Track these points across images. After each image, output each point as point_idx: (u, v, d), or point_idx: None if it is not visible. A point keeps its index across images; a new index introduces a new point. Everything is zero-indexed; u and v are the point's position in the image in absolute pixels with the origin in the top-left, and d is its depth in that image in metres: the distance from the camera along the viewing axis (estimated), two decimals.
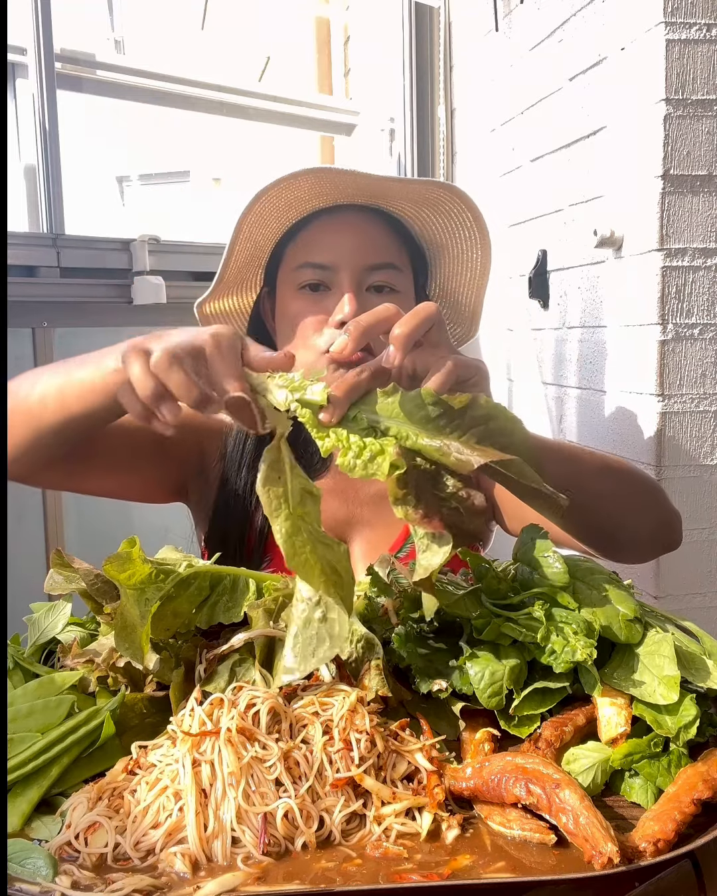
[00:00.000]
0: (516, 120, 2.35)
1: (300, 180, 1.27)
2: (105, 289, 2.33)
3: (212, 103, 2.76)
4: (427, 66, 2.91)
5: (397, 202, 1.35)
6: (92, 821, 0.76)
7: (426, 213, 1.37)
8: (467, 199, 1.35)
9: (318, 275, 1.31)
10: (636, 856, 0.71)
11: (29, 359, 2.26)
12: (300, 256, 1.33)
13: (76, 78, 2.43)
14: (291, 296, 1.34)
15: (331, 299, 1.30)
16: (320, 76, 3.42)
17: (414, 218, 1.38)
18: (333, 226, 1.34)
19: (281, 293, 1.37)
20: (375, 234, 1.35)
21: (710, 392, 1.76)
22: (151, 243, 2.33)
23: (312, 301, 1.32)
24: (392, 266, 1.33)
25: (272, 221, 1.33)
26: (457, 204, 1.35)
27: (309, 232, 1.35)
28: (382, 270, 1.32)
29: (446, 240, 1.41)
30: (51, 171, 2.27)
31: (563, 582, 0.90)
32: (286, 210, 1.32)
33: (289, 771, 0.78)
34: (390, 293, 1.32)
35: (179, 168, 7.08)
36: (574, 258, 2.05)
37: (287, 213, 1.32)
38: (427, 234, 1.41)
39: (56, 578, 1.00)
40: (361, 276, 1.31)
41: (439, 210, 1.36)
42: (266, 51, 4.08)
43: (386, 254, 1.34)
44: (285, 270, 1.36)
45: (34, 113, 2.25)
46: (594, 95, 1.90)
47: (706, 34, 1.66)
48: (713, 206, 1.71)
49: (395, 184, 1.32)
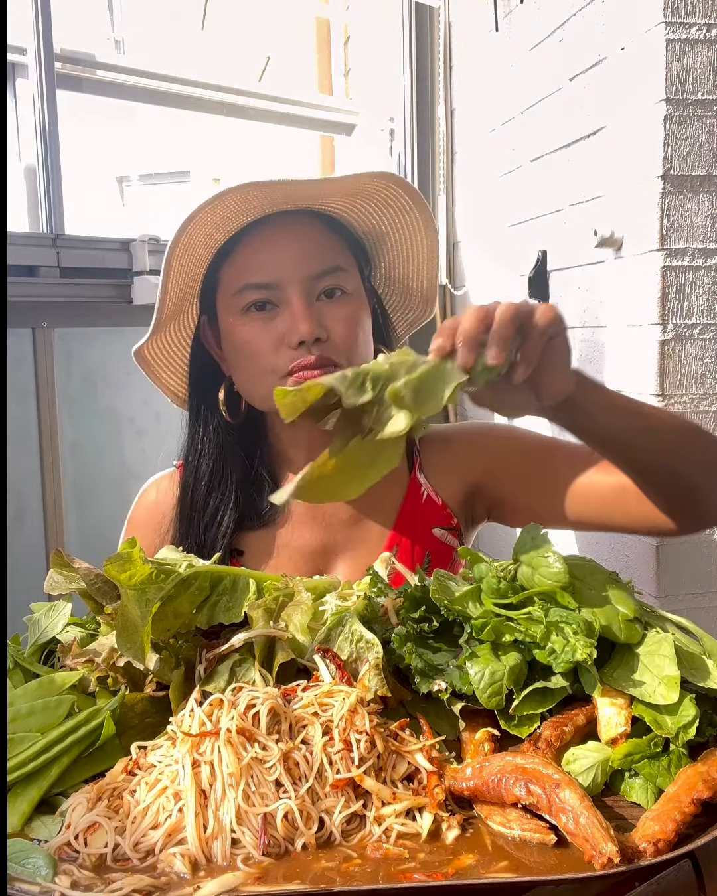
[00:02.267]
0: (516, 120, 2.34)
1: (226, 200, 1.19)
2: (105, 289, 2.33)
3: (212, 103, 2.76)
4: (427, 66, 2.91)
5: (328, 200, 1.29)
6: (92, 821, 0.76)
7: (361, 205, 1.31)
8: (405, 184, 1.29)
9: (262, 294, 1.24)
10: (636, 856, 0.71)
11: (29, 359, 2.26)
12: (238, 278, 1.25)
13: (76, 78, 2.43)
14: (236, 321, 1.26)
15: (281, 317, 1.24)
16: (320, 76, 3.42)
17: (349, 212, 1.32)
18: (268, 239, 1.26)
19: (224, 319, 1.29)
20: (314, 239, 1.27)
21: (710, 392, 1.76)
22: (151, 243, 2.33)
23: (261, 322, 1.24)
24: (338, 269, 1.27)
25: (201, 247, 1.25)
26: (394, 191, 1.29)
27: (243, 250, 1.26)
28: (329, 275, 1.25)
29: (385, 228, 1.36)
30: (51, 171, 2.28)
31: (563, 582, 0.90)
32: (214, 232, 1.24)
33: (289, 772, 0.78)
34: (341, 296, 1.27)
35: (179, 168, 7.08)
36: (574, 258, 2.05)
37: (215, 234, 1.24)
38: (365, 226, 1.35)
39: (56, 578, 1.00)
40: (309, 287, 1.24)
41: (375, 200, 1.31)
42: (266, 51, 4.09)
43: (330, 257, 1.27)
44: (225, 295, 1.28)
45: (34, 113, 2.25)
46: (594, 95, 1.90)
47: (706, 34, 1.66)
48: (713, 206, 1.71)
49: (325, 183, 1.26)
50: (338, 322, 1.25)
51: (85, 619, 1.08)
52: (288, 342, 1.22)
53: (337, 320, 1.25)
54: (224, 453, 1.34)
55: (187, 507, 1.35)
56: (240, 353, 1.27)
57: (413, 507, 1.38)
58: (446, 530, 1.37)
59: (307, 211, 1.29)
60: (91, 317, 2.36)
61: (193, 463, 1.36)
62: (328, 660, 0.91)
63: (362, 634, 0.93)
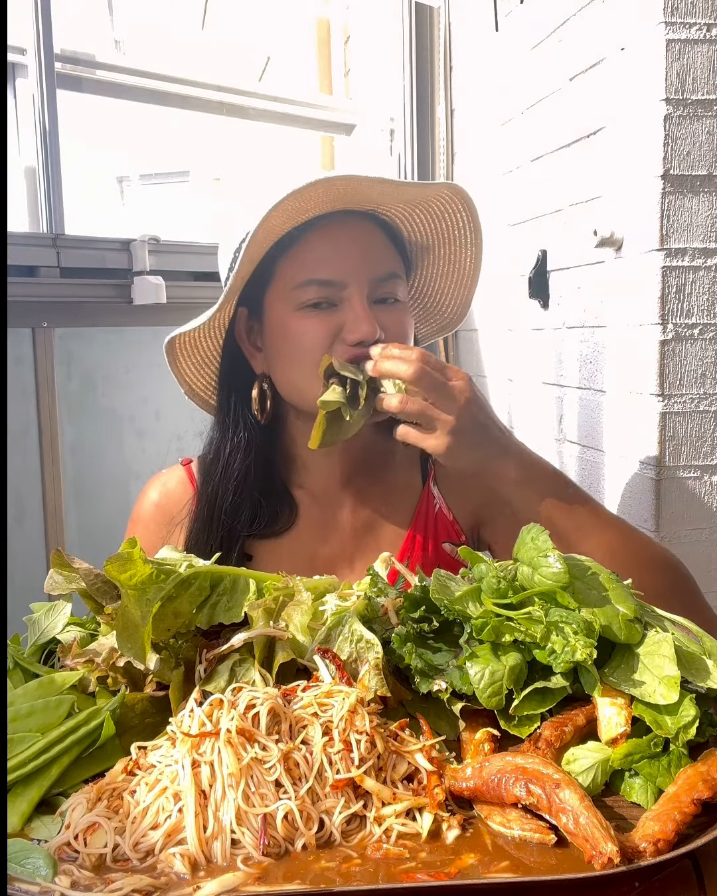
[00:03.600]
0: (516, 120, 2.34)
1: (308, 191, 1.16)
2: (105, 289, 2.33)
3: (212, 103, 2.76)
4: (427, 66, 2.91)
5: (392, 205, 1.30)
6: (91, 821, 0.76)
7: (418, 215, 1.33)
8: (467, 199, 1.30)
9: (324, 292, 1.23)
10: (636, 856, 0.71)
11: (29, 359, 2.26)
12: (301, 272, 1.24)
13: (76, 78, 2.43)
14: (292, 315, 1.25)
15: (338, 315, 1.23)
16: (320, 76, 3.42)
17: (406, 220, 1.33)
18: (334, 236, 1.25)
19: (277, 313, 1.27)
20: (377, 243, 1.28)
21: (710, 392, 1.76)
22: (151, 243, 2.33)
23: (319, 319, 1.23)
24: (396, 275, 1.28)
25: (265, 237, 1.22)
26: (453, 203, 1.31)
27: (308, 245, 1.24)
28: (388, 281, 1.26)
29: (433, 241, 1.37)
30: (51, 171, 2.28)
31: (563, 582, 0.90)
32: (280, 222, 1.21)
33: (289, 772, 0.78)
34: (393, 304, 1.27)
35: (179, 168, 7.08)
36: (574, 258, 2.05)
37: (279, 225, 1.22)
38: (415, 237, 1.37)
39: (56, 578, 1.00)
40: (370, 289, 1.24)
41: (432, 211, 1.32)
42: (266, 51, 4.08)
43: (389, 263, 1.28)
44: (281, 288, 1.26)
45: (34, 113, 2.26)
46: (594, 95, 1.90)
47: (706, 34, 1.66)
48: (713, 206, 1.71)
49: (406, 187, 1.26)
50: (391, 327, 1.25)
51: (85, 619, 1.08)
52: (346, 339, 1.22)
53: (391, 325, 1.25)
54: (253, 453, 1.32)
55: (211, 504, 1.33)
56: (293, 347, 1.25)
57: (425, 519, 1.38)
58: (455, 546, 1.36)
59: (367, 213, 1.29)
60: (91, 317, 2.36)
61: (222, 460, 1.32)
62: (328, 660, 0.90)
63: (361, 634, 0.93)
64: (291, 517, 1.35)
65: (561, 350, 2.16)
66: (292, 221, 1.23)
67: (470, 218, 1.33)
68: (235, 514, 1.32)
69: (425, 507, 1.38)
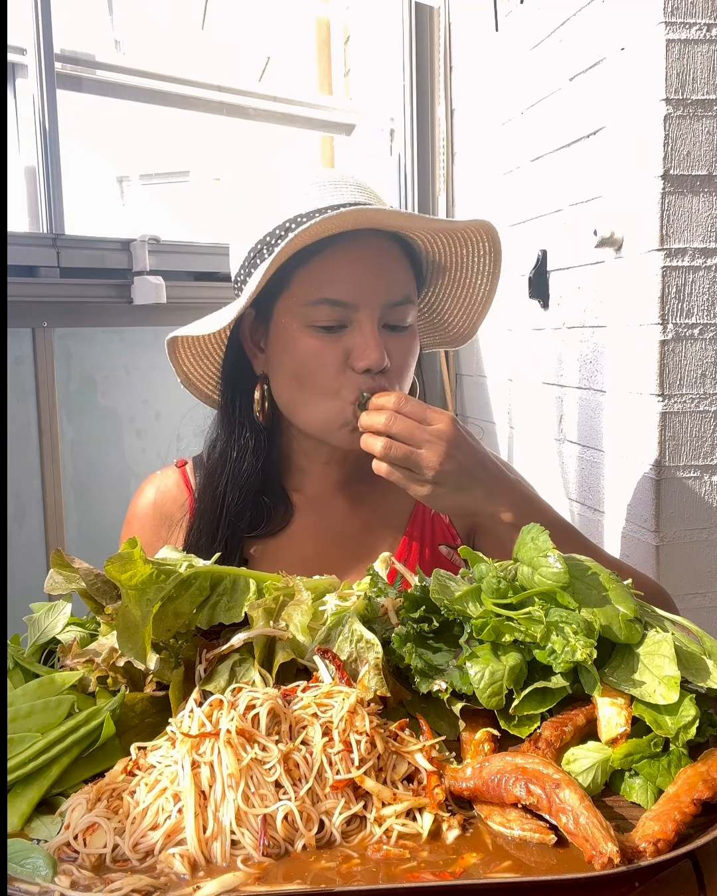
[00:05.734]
0: (516, 120, 2.35)
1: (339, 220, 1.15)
2: (105, 289, 2.33)
3: (212, 103, 2.76)
4: (427, 66, 2.91)
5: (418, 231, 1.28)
6: (91, 821, 0.76)
7: (441, 238, 1.30)
8: (493, 232, 1.28)
9: (337, 314, 1.21)
10: (636, 856, 0.71)
11: (29, 359, 2.26)
12: (316, 290, 1.21)
13: (76, 78, 2.43)
14: (301, 331, 1.23)
15: (347, 337, 1.21)
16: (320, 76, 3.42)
17: (428, 242, 1.31)
18: (353, 257, 1.22)
19: (285, 325, 1.24)
20: (395, 267, 1.25)
21: (710, 392, 1.76)
22: (151, 243, 2.33)
23: (328, 341, 1.21)
24: (409, 300, 1.26)
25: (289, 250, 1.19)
26: (478, 233, 1.28)
27: (325, 261, 1.21)
28: (401, 306, 1.24)
29: (451, 263, 1.35)
30: (51, 171, 2.28)
31: (563, 582, 0.90)
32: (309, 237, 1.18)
33: (289, 773, 0.78)
34: (401, 331, 1.25)
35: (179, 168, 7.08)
36: (574, 258, 2.05)
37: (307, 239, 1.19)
38: (433, 258, 1.34)
39: (56, 578, 1.00)
40: (382, 314, 1.22)
41: (455, 236, 1.29)
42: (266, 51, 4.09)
43: (404, 287, 1.26)
44: (294, 302, 1.23)
45: (34, 113, 2.26)
46: (594, 95, 1.90)
47: (706, 34, 1.67)
48: (713, 206, 1.71)
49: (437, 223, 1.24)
50: (399, 353, 1.24)
51: (85, 619, 1.08)
52: (355, 367, 1.21)
53: (399, 352, 1.24)
54: (256, 455, 1.31)
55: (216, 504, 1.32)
56: (297, 365, 1.23)
57: (421, 523, 1.38)
58: (451, 549, 1.36)
59: (389, 233, 1.26)
60: (91, 317, 2.36)
61: (229, 462, 1.31)
62: (328, 660, 0.90)
63: (361, 634, 0.92)
64: (286, 518, 1.35)
65: (561, 350, 2.16)
66: (317, 237, 1.20)
67: (493, 248, 1.31)
68: (239, 515, 1.31)
69: (421, 511, 1.38)
